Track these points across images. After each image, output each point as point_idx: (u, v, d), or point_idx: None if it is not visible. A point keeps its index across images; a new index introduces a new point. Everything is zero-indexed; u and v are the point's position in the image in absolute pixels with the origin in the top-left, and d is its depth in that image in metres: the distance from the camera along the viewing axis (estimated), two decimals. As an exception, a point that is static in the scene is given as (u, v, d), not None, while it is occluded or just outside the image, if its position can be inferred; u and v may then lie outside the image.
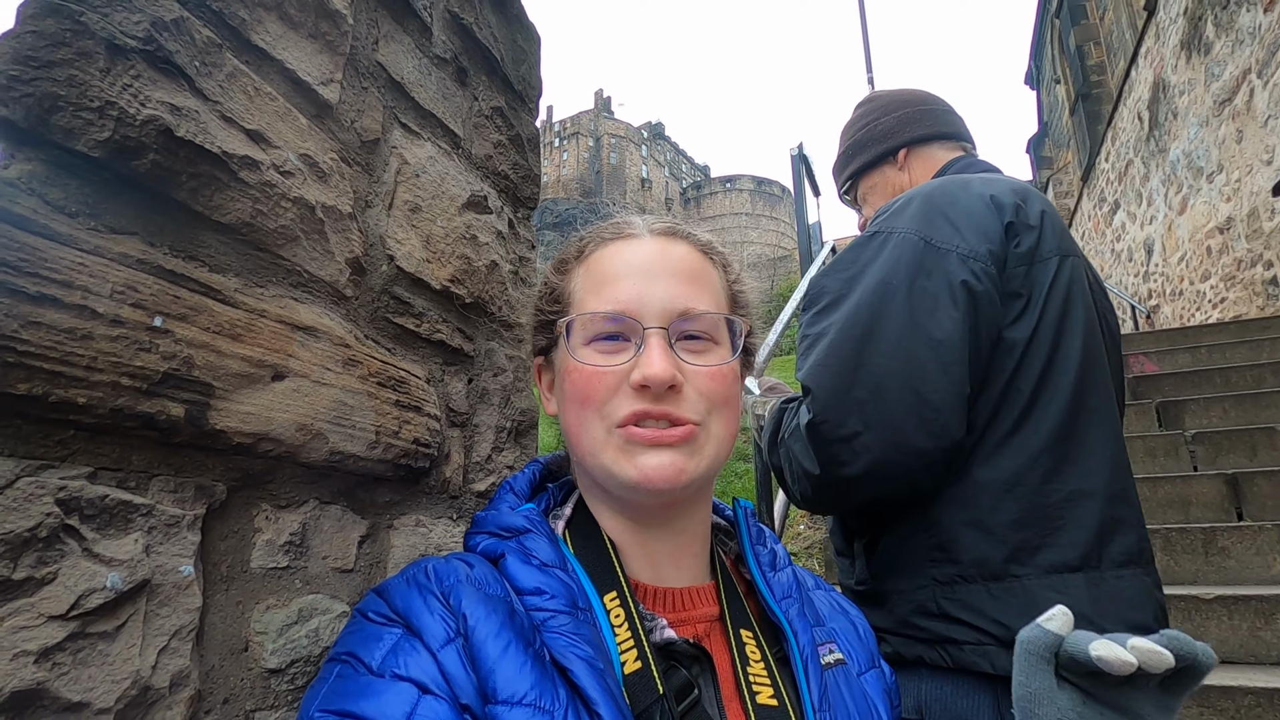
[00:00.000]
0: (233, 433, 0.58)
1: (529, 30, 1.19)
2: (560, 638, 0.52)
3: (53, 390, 0.46)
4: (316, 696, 0.49)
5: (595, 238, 0.69)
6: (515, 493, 0.67)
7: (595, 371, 0.60)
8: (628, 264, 0.64)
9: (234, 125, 0.60)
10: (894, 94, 1.45)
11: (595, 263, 0.66)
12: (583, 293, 0.65)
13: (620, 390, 0.60)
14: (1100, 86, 11.71)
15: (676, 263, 0.64)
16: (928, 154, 1.36)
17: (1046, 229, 1.06)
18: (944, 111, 1.40)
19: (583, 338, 0.63)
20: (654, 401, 0.59)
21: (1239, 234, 6.88)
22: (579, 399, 0.61)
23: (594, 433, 0.60)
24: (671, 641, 0.58)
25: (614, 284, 0.63)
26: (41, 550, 0.45)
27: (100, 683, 0.47)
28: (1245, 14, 6.31)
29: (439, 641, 0.50)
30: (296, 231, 0.67)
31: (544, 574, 0.57)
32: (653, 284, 0.62)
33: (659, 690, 0.52)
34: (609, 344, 0.61)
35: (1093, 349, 1.04)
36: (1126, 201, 10.15)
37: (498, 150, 1.07)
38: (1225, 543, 2.86)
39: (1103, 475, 0.98)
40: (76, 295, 0.48)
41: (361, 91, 0.79)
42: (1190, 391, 4.49)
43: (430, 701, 0.47)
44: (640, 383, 0.58)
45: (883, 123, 1.40)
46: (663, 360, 0.58)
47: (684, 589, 0.64)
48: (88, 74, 0.48)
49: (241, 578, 0.62)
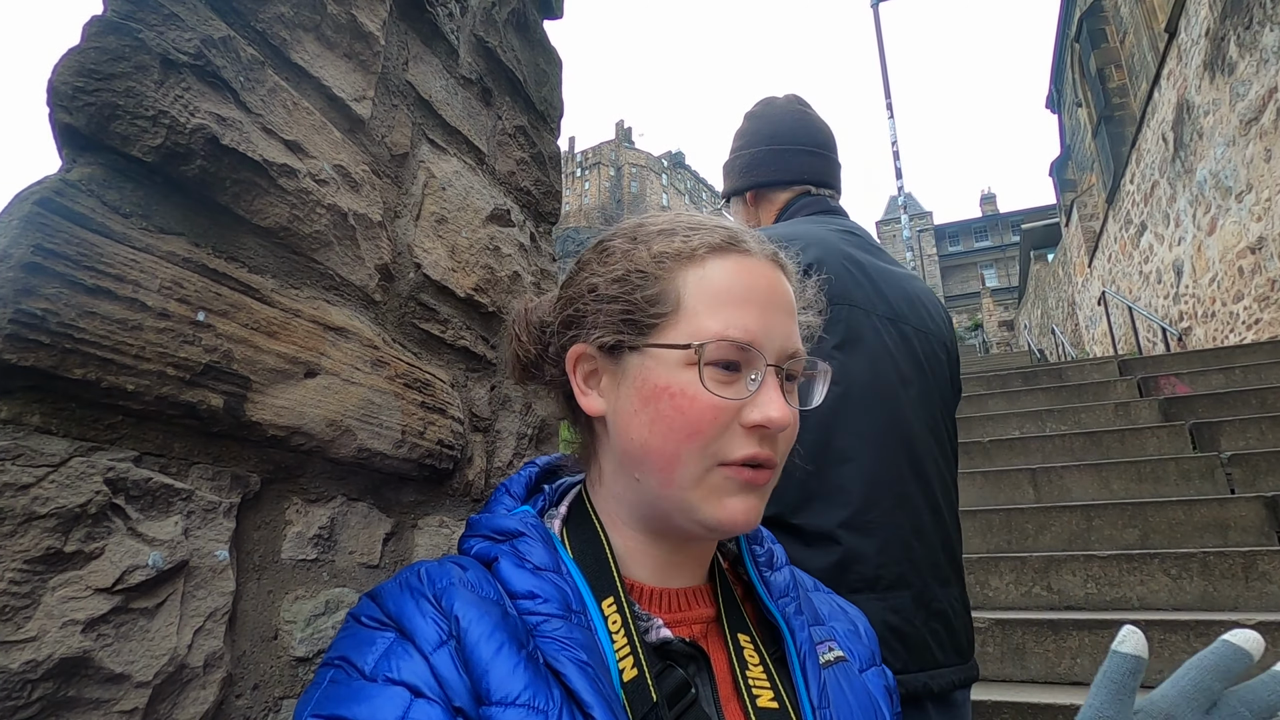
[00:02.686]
0: (267, 425, 0.61)
1: (551, 54, 1.24)
2: (552, 642, 0.52)
3: (104, 376, 0.49)
4: (310, 701, 0.49)
5: (705, 242, 0.60)
6: (511, 494, 0.66)
7: (714, 404, 0.55)
8: (750, 287, 0.59)
9: (274, 136, 0.64)
10: (757, 124, 1.46)
11: (714, 272, 0.59)
12: (696, 302, 0.58)
13: (731, 427, 0.56)
14: (1123, 109, 11.65)
15: (784, 296, 0.61)
16: (772, 197, 1.43)
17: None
18: (791, 152, 1.41)
19: (704, 359, 0.57)
20: (763, 444, 0.57)
21: (1272, 254, 6.75)
22: (685, 428, 0.56)
23: (691, 468, 0.56)
24: (667, 640, 0.57)
25: (740, 309, 0.57)
26: (90, 526, 0.47)
27: (140, 657, 0.49)
28: (1269, 33, 6.28)
29: (431, 645, 0.50)
30: (330, 237, 0.70)
31: (537, 578, 0.56)
32: (773, 317, 0.59)
33: (653, 698, 0.52)
34: (724, 374, 0.57)
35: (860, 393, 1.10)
36: (1153, 223, 10.02)
37: (520, 167, 1.11)
38: (1266, 567, 2.76)
39: (848, 509, 1.05)
40: (128, 289, 0.51)
41: (392, 108, 0.84)
42: (1225, 413, 4.38)
43: (423, 705, 0.47)
44: (759, 423, 0.56)
45: (741, 158, 1.45)
46: (782, 404, 0.56)
47: (681, 590, 0.63)
48: (144, 86, 0.52)
49: (272, 568, 0.64)
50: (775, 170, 1.41)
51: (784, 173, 1.41)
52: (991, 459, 4.57)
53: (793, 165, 1.40)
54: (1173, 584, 2.89)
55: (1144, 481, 3.75)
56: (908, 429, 1.12)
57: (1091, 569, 3.03)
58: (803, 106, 1.47)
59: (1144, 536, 3.30)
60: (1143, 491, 3.73)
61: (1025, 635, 2.71)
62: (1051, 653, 2.64)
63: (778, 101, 1.48)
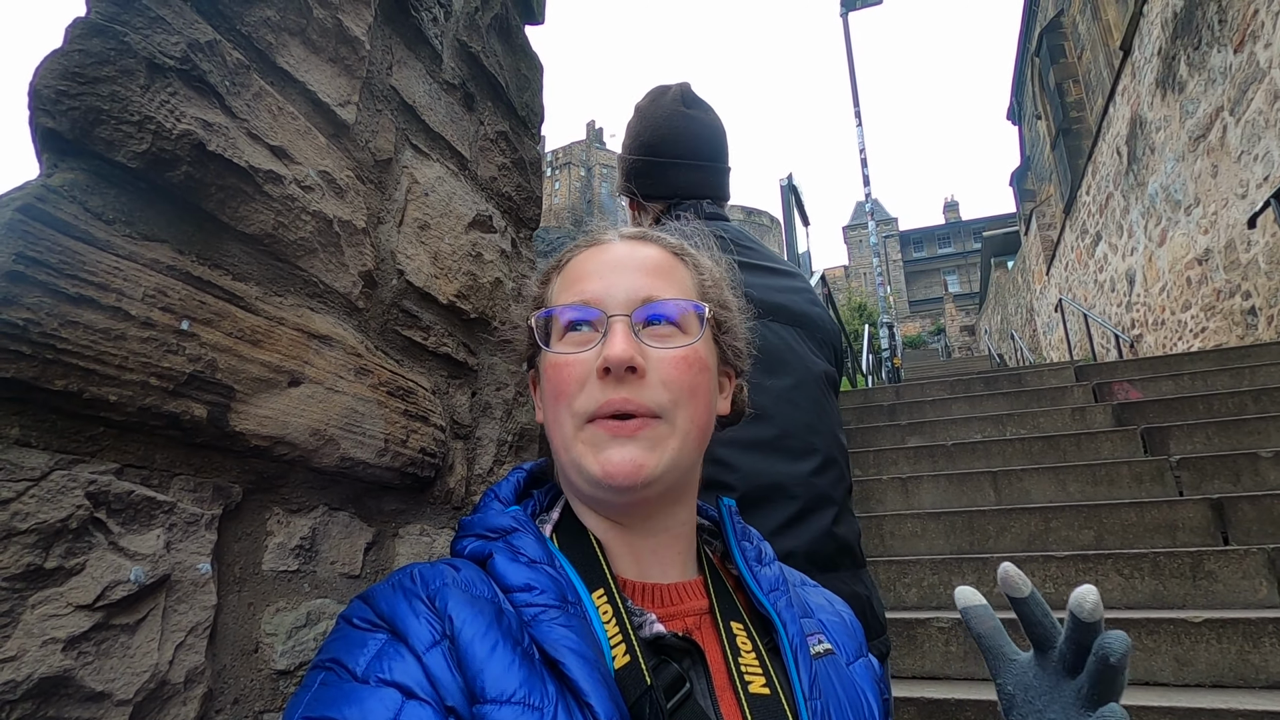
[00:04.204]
0: (251, 435, 0.60)
1: (532, 59, 1.24)
2: (551, 630, 0.52)
3: (87, 387, 0.48)
4: (300, 704, 0.48)
5: (572, 248, 0.72)
6: (500, 499, 0.66)
7: (564, 361, 0.62)
8: (597, 263, 0.66)
9: (259, 141, 0.63)
10: (640, 125, 1.47)
11: (570, 268, 0.68)
12: (556, 295, 0.67)
13: (589, 382, 0.60)
14: (1080, 122, 12.05)
15: (643, 260, 0.66)
16: (649, 206, 1.48)
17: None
18: (668, 166, 1.44)
19: (556, 334, 0.64)
20: (616, 386, 0.59)
21: (1217, 265, 7.05)
22: (553, 394, 0.62)
23: (565, 428, 0.61)
24: (661, 636, 0.58)
25: (583, 281, 0.65)
26: (71, 541, 0.46)
27: (121, 674, 0.48)
28: (1216, 54, 6.56)
29: (424, 644, 0.50)
30: (315, 244, 0.70)
31: (532, 570, 0.57)
32: (619, 277, 0.64)
33: (647, 682, 0.52)
34: (576, 334, 0.63)
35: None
36: (1108, 233, 10.38)
37: (502, 172, 1.11)
38: (1212, 566, 2.88)
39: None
40: (111, 297, 0.50)
41: (376, 114, 0.83)
42: (1174, 418, 4.56)
43: (414, 707, 0.47)
44: (602, 365, 0.59)
45: (625, 162, 1.49)
46: (623, 342, 0.59)
47: (671, 584, 0.64)
48: (129, 90, 0.51)
49: (253, 579, 0.63)
50: (652, 184, 1.45)
51: (660, 187, 1.45)
52: (955, 462, 4.68)
53: (670, 180, 1.44)
54: (1125, 583, 3.00)
55: (1099, 484, 3.89)
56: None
57: (1050, 569, 3.12)
58: (688, 108, 1.47)
59: (1099, 538, 3.41)
60: (1098, 494, 3.85)
61: (987, 634, 2.77)
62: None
63: (664, 100, 1.48)
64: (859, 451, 5.05)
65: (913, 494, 4.28)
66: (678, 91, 1.49)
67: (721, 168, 1.49)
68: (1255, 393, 4.51)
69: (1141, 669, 2.55)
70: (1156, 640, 2.56)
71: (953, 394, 6.49)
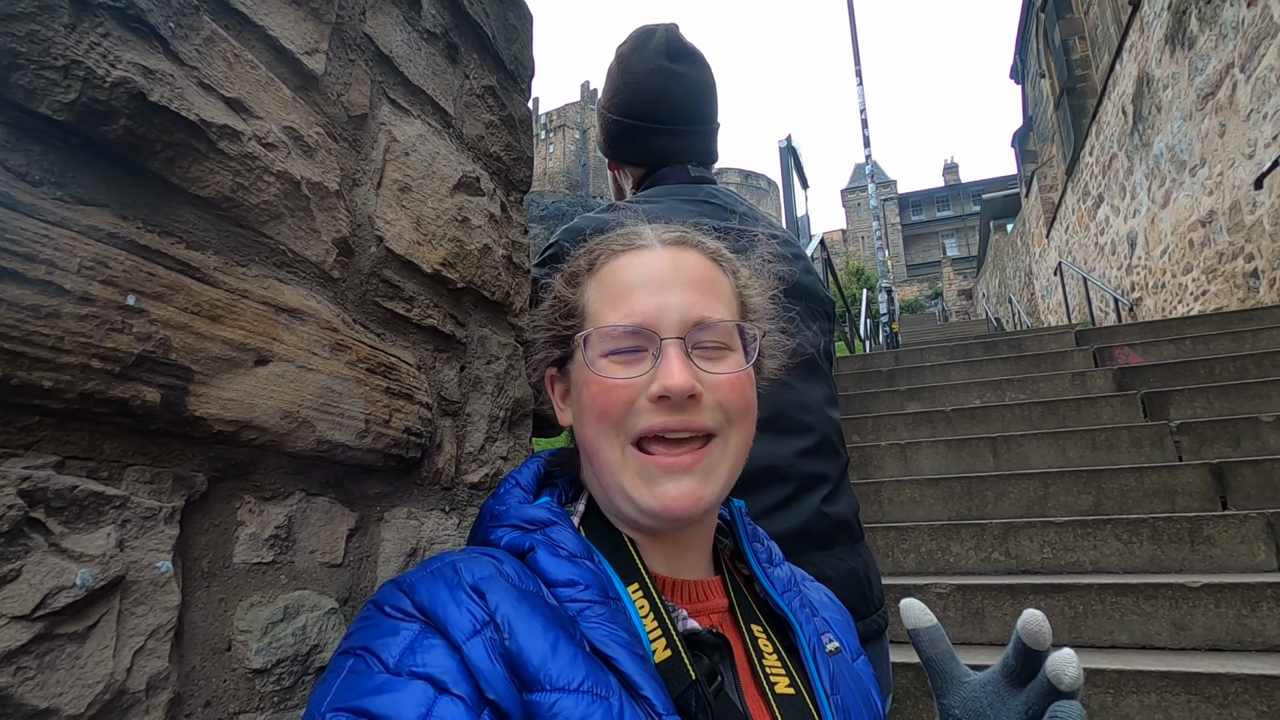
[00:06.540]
0: (213, 420, 0.55)
1: (521, 8, 1.15)
2: (599, 627, 0.53)
3: (15, 373, 0.42)
4: (328, 692, 0.47)
5: (605, 250, 0.69)
6: (522, 486, 0.66)
7: (614, 384, 0.60)
8: (642, 275, 0.64)
9: (212, 93, 0.56)
10: (622, 79, 1.37)
11: (609, 275, 0.67)
12: (598, 305, 0.66)
13: (638, 403, 0.60)
14: (1085, 80, 11.79)
15: (689, 272, 0.65)
16: (630, 170, 1.44)
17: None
18: (649, 131, 1.36)
19: (600, 350, 0.63)
20: (672, 412, 0.59)
21: (1221, 227, 6.97)
22: (598, 413, 0.61)
23: (612, 450, 0.61)
24: (695, 631, 0.59)
25: (629, 296, 0.63)
26: (3, 546, 0.41)
27: (70, 687, 0.44)
28: (1229, 8, 6.36)
29: (465, 634, 0.49)
30: (280, 208, 0.63)
31: (574, 565, 0.57)
32: (668, 295, 0.62)
33: (691, 676, 0.53)
34: (626, 356, 0.62)
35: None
36: (1110, 195, 10.25)
37: (490, 131, 1.03)
38: (1211, 531, 2.88)
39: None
40: (40, 270, 0.44)
41: (348, 64, 0.76)
42: (1175, 383, 4.54)
43: (446, 702, 0.46)
44: (660, 393, 0.58)
45: (604, 119, 1.42)
46: (682, 370, 0.58)
47: (697, 581, 0.65)
48: (51, 30, 0.45)
49: (223, 574, 0.58)
50: (632, 150, 1.39)
51: (641, 155, 1.39)
52: (954, 428, 4.67)
53: (651, 147, 1.37)
54: (1124, 548, 3.00)
55: (1098, 449, 3.88)
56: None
57: (1048, 535, 3.13)
58: (673, 61, 1.35)
59: (1098, 503, 3.41)
60: (1097, 459, 3.85)
61: (985, 600, 2.79)
62: (1010, 616, 2.73)
63: (647, 50, 1.36)
64: (858, 418, 5.04)
65: (911, 460, 4.27)
66: (663, 38, 1.37)
67: (708, 129, 1.40)
68: (1257, 356, 4.48)
69: (1139, 633, 2.57)
70: (1154, 605, 2.57)
71: (952, 359, 6.46)
